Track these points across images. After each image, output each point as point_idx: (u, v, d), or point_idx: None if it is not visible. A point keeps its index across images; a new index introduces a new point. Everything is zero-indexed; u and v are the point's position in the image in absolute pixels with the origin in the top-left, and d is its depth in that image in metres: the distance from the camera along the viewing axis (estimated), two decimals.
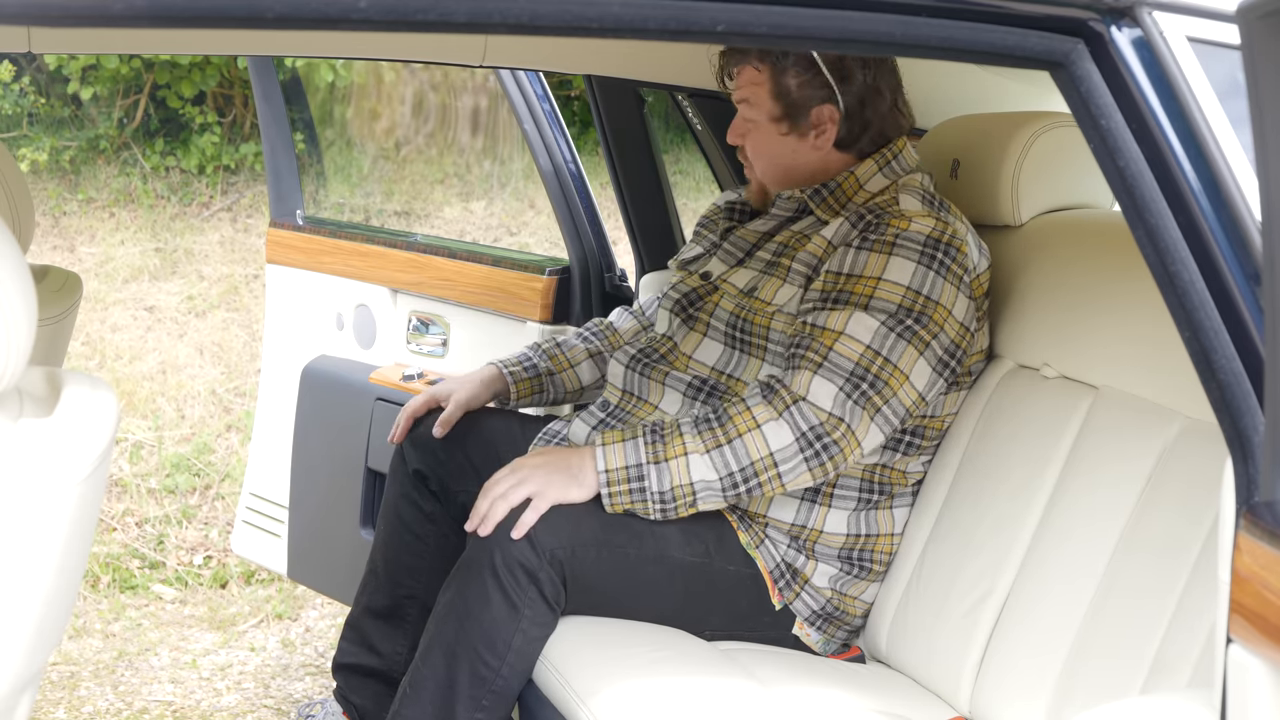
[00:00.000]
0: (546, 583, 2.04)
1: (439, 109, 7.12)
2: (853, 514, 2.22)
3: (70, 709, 3.29)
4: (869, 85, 2.21)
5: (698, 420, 2.09)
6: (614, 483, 2.08)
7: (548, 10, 1.18)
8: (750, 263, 2.30)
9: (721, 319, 2.26)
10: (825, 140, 2.25)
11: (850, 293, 2.10)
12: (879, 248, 2.12)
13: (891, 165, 2.26)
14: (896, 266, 2.10)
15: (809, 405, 2.04)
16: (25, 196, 1.75)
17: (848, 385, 2.05)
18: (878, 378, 2.06)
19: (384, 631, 2.49)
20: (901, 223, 2.13)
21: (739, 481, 2.06)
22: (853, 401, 2.05)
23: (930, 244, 2.12)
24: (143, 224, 6.72)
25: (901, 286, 2.09)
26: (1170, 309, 1.33)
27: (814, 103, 2.22)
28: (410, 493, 2.48)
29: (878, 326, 2.07)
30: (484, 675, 2.04)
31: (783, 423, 2.04)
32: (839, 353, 2.07)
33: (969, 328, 2.16)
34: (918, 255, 2.11)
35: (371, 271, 3.28)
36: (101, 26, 1.09)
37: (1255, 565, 1.21)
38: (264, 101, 3.44)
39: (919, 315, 2.09)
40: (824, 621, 2.25)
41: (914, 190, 2.20)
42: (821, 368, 2.06)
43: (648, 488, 2.07)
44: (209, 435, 5.01)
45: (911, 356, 2.08)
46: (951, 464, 2.23)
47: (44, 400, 1.28)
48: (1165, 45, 1.35)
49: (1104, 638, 1.88)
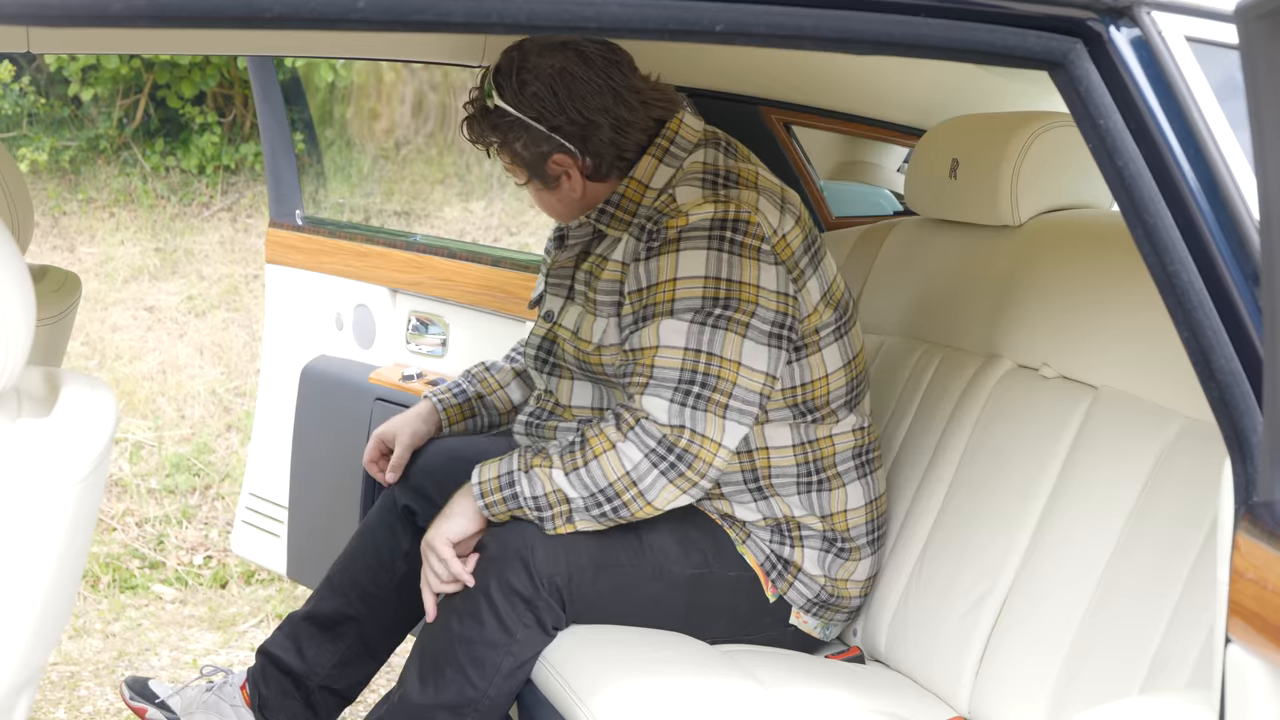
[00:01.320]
0: (544, 610, 2.05)
1: (439, 109, 7.12)
2: (802, 496, 2.21)
3: (70, 709, 3.29)
4: (580, 121, 2.16)
5: (564, 445, 2.10)
6: (488, 492, 2.10)
7: (546, 10, 1.18)
8: (574, 296, 2.30)
9: (571, 362, 2.27)
10: (575, 183, 2.22)
11: (654, 304, 2.08)
12: (665, 249, 2.09)
13: (670, 151, 2.20)
14: (687, 260, 2.07)
15: (650, 422, 2.04)
16: (25, 196, 1.75)
17: (677, 394, 2.04)
18: (707, 374, 2.05)
19: (316, 639, 2.46)
20: (679, 219, 2.10)
21: (602, 501, 2.06)
22: (689, 407, 2.04)
23: (716, 226, 2.08)
24: (143, 224, 6.72)
25: (699, 278, 2.07)
26: (1169, 309, 1.33)
27: (544, 156, 2.19)
28: (394, 524, 2.46)
29: (688, 327, 2.06)
30: (470, 696, 2.05)
31: (630, 443, 2.04)
32: (660, 365, 2.05)
33: (788, 293, 2.12)
34: (705, 241, 2.08)
35: (371, 271, 3.28)
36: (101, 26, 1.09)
37: (1254, 565, 1.21)
38: (264, 101, 3.44)
39: (725, 300, 2.06)
40: (820, 608, 2.25)
41: (693, 177, 2.16)
42: (649, 384, 2.05)
43: (520, 493, 2.07)
44: (209, 435, 5.01)
45: (734, 342, 2.06)
46: (951, 464, 2.23)
47: (43, 400, 1.28)
48: (1164, 45, 1.35)
49: (1103, 637, 1.88)
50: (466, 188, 7.25)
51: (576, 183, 2.22)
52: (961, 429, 2.23)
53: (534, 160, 2.20)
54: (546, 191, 2.25)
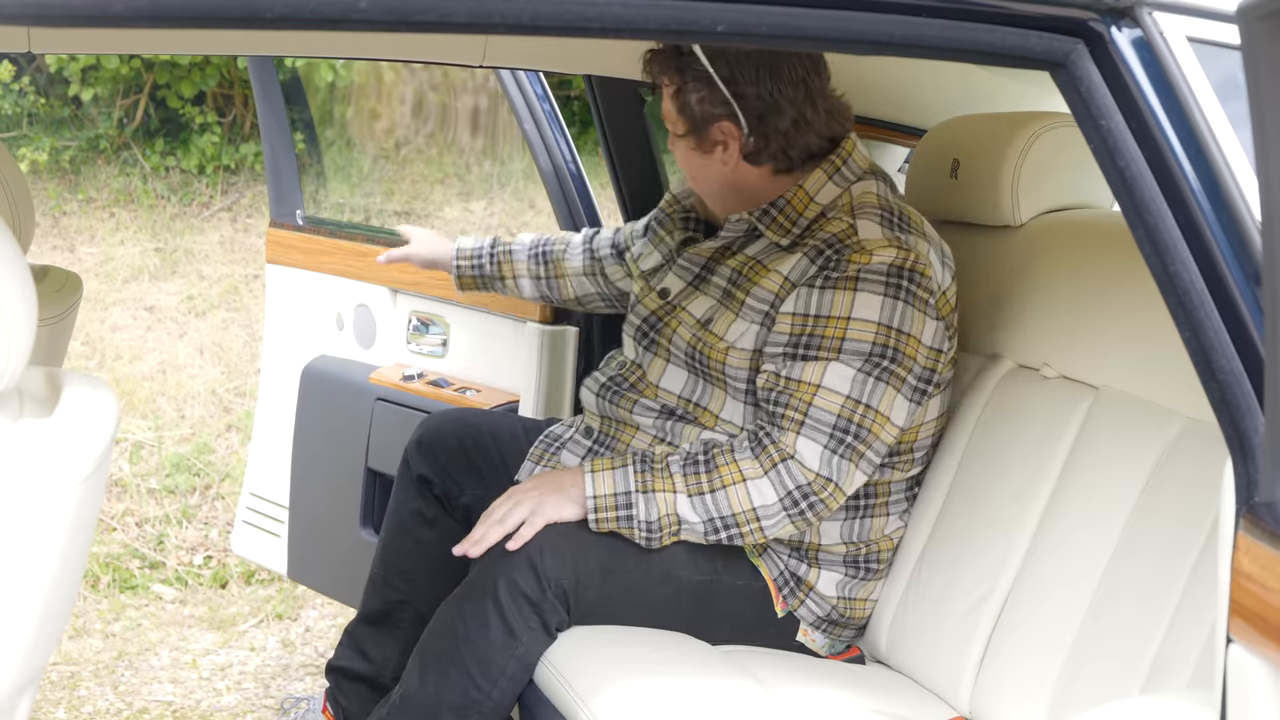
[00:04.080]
0: (550, 612, 2.05)
1: (439, 109, 7.12)
2: (845, 523, 2.21)
3: (70, 709, 3.29)
4: (766, 100, 2.14)
5: (686, 460, 2.08)
6: (601, 509, 2.08)
7: (548, 10, 1.18)
8: (707, 287, 2.26)
9: (680, 347, 2.24)
10: (731, 156, 2.18)
11: (821, 337, 2.06)
12: (843, 285, 2.07)
13: (841, 171, 2.19)
14: (863, 303, 2.06)
15: (797, 464, 2.03)
16: (25, 196, 1.75)
17: (832, 442, 2.04)
18: (860, 426, 2.05)
19: (375, 637, 2.50)
20: (863, 257, 2.07)
21: (719, 528, 2.07)
22: (840, 457, 2.04)
23: (894, 274, 2.07)
24: (143, 224, 6.72)
25: (872, 323, 2.05)
26: (1170, 309, 1.33)
27: (714, 119, 2.16)
28: (413, 498, 2.48)
29: (854, 375, 2.05)
30: (474, 697, 2.05)
31: (768, 481, 2.04)
32: (819, 407, 2.04)
33: (940, 349, 2.14)
34: (883, 288, 2.06)
35: (371, 271, 3.28)
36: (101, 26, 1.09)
37: (1255, 565, 1.21)
38: (264, 101, 3.44)
39: (893, 353, 2.06)
40: (829, 625, 2.25)
41: (871, 211, 2.14)
42: (805, 425, 2.04)
43: (635, 515, 2.08)
44: (209, 435, 5.01)
45: (890, 396, 2.07)
46: (951, 464, 2.23)
47: (44, 400, 1.28)
48: (1165, 45, 1.35)
49: (1104, 638, 1.88)
50: (466, 188, 7.26)
51: (731, 157, 2.19)
52: (962, 429, 2.23)
53: (702, 118, 2.17)
54: (697, 154, 2.21)
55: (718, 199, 2.27)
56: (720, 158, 2.19)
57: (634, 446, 2.26)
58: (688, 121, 2.18)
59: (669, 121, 2.22)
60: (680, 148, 2.24)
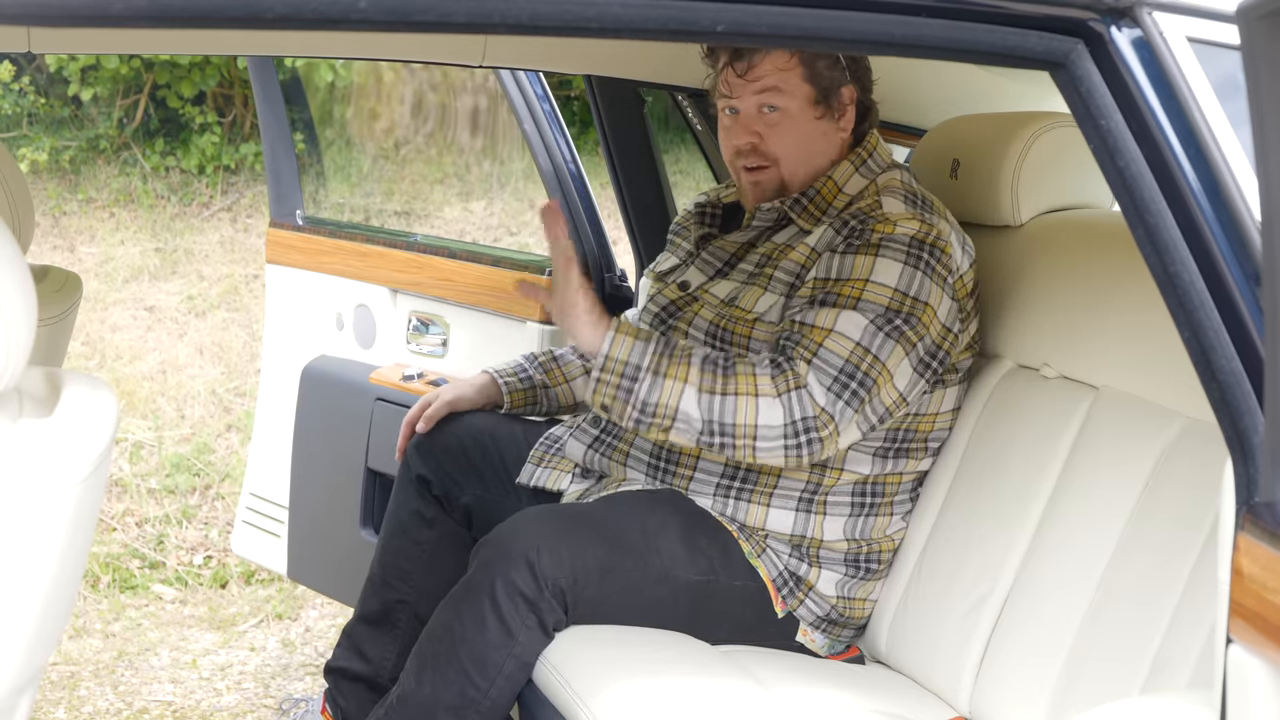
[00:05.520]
0: (547, 611, 2.05)
1: (439, 109, 7.12)
2: (849, 520, 2.21)
3: (70, 709, 3.29)
4: (863, 64, 2.27)
5: (706, 358, 2.07)
6: (608, 369, 2.06)
7: (548, 10, 1.18)
8: (732, 275, 2.29)
9: (700, 328, 2.25)
10: (848, 122, 2.27)
11: (838, 294, 2.10)
12: (864, 250, 2.12)
13: (867, 164, 2.27)
14: (883, 268, 2.10)
15: (808, 395, 2.04)
16: (25, 196, 1.75)
17: (836, 384, 2.05)
18: (866, 375, 2.06)
19: (373, 637, 2.49)
20: (886, 226, 2.13)
21: (715, 432, 2.04)
22: (843, 400, 2.05)
23: (915, 245, 2.12)
24: (143, 224, 6.72)
25: (889, 288, 2.09)
26: (1170, 309, 1.33)
27: (840, 83, 2.24)
28: (412, 498, 2.48)
29: (866, 324, 2.07)
30: (472, 696, 2.05)
31: (780, 403, 2.03)
32: (829, 349, 2.06)
33: (951, 329, 2.15)
34: (904, 256, 2.11)
35: (371, 271, 3.28)
36: (101, 26, 1.09)
37: (1255, 566, 1.21)
38: (264, 101, 3.44)
39: (907, 316, 2.08)
40: (829, 625, 2.25)
41: (896, 191, 2.21)
42: (813, 362, 2.06)
43: (636, 391, 2.04)
44: (209, 435, 5.01)
45: (898, 356, 2.08)
46: (951, 464, 2.23)
47: (44, 400, 1.28)
48: (1165, 45, 1.35)
49: (1104, 638, 1.88)
50: (466, 188, 7.25)
51: (848, 123, 2.27)
52: (962, 429, 2.23)
53: (829, 84, 2.23)
54: (824, 121, 2.25)
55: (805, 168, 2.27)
56: (840, 124, 2.27)
57: (642, 437, 2.26)
58: (817, 87, 2.23)
59: (782, 93, 2.22)
60: (797, 120, 2.24)
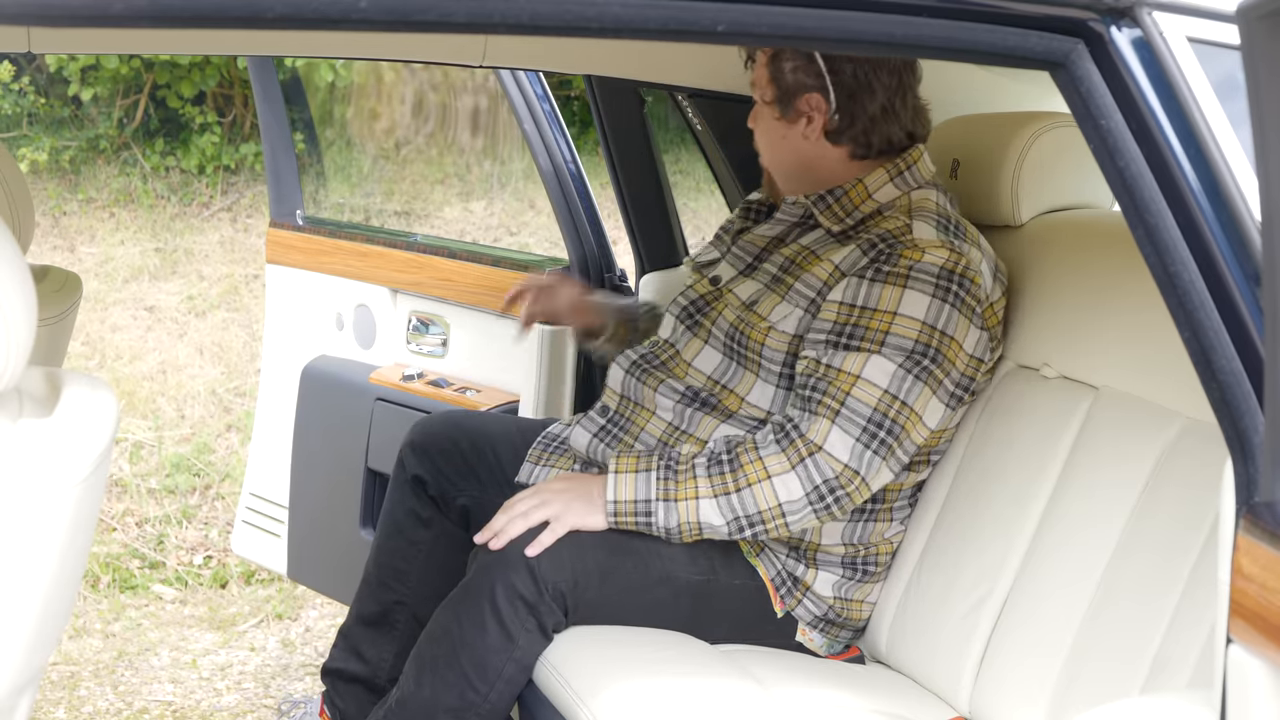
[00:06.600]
0: (547, 614, 2.05)
1: (439, 109, 7.12)
2: (848, 525, 2.21)
3: (70, 709, 3.29)
4: (860, 80, 2.18)
5: (710, 461, 2.08)
6: (621, 514, 2.09)
7: (548, 10, 1.18)
8: (757, 274, 2.27)
9: (722, 328, 2.25)
10: (814, 130, 2.21)
11: (865, 329, 2.06)
12: (892, 280, 2.08)
13: (904, 175, 2.21)
14: (910, 300, 2.06)
15: (825, 456, 2.02)
16: (25, 196, 1.75)
17: (865, 435, 2.03)
18: (894, 423, 2.04)
19: (370, 638, 2.49)
20: (915, 254, 2.08)
21: (744, 526, 2.06)
22: (871, 451, 2.03)
23: (944, 276, 2.07)
24: (143, 224, 6.72)
25: (917, 321, 2.05)
26: (1170, 309, 1.33)
27: (804, 90, 2.19)
28: (408, 499, 2.47)
29: (895, 370, 2.04)
30: (471, 700, 2.05)
31: (794, 476, 2.02)
32: (856, 398, 2.03)
33: (982, 359, 2.14)
34: (931, 288, 2.07)
35: (371, 271, 3.28)
36: (101, 26, 1.09)
37: (1255, 566, 1.21)
38: (264, 101, 3.44)
39: (935, 354, 2.06)
40: (827, 625, 2.25)
41: (929, 215, 2.15)
42: (839, 415, 2.03)
43: (654, 523, 2.08)
44: (209, 435, 5.01)
45: (926, 396, 2.06)
46: (951, 465, 2.23)
47: (44, 400, 1.28)
48: (1165, 45, 1.35)
49: (1104, 638, 1.88)
50: (466, 188, 7.25)
51: (814, 131, 2.21)
52: (962, 429, 2.23)
53: (792, 87, 2.19)
54: (781, 123, 2.23)
55: (787, 176, 2.29)
56: (802, 130, 2.22)
57: (648, 433, 2.26)
58: (777, 88, 2.20)
59: (758, 88, 2.24)
60: (764, 116, 2.25)
